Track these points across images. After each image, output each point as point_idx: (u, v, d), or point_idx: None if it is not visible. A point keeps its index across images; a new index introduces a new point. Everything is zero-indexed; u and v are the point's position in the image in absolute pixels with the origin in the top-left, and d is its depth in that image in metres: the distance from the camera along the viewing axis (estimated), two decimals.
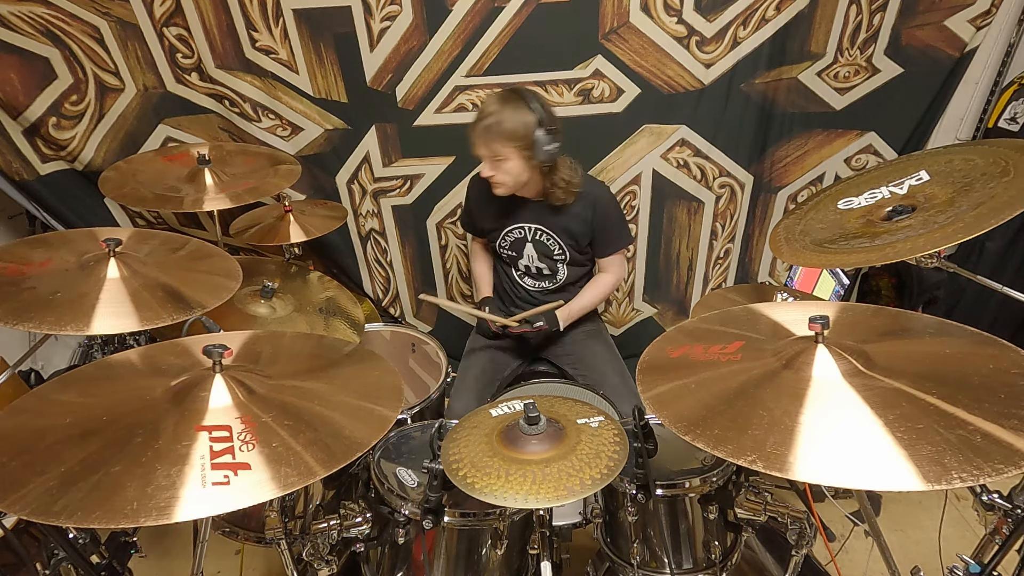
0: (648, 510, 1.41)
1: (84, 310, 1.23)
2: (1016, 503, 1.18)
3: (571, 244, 2.01)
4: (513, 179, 1.85)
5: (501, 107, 1.75)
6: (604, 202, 1.98)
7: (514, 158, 1.79)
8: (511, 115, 1.74)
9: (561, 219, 1.96)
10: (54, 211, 2.36)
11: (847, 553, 2.00)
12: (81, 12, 2.11)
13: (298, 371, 1.21)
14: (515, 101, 1.76)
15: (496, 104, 1.77)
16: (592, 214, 1.95)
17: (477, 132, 1.79)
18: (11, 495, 0.85)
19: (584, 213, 1.95)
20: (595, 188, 2.00)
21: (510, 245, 2.06)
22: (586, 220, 1.96)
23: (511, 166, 1.81)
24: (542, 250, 2.03)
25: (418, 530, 1.35)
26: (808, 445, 0.88)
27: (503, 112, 1.74)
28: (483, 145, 1.80)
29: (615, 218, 2.01)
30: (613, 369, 2.00)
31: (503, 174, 1.83)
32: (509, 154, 1.78)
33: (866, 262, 1.27)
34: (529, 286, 2.11)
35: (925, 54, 2.30)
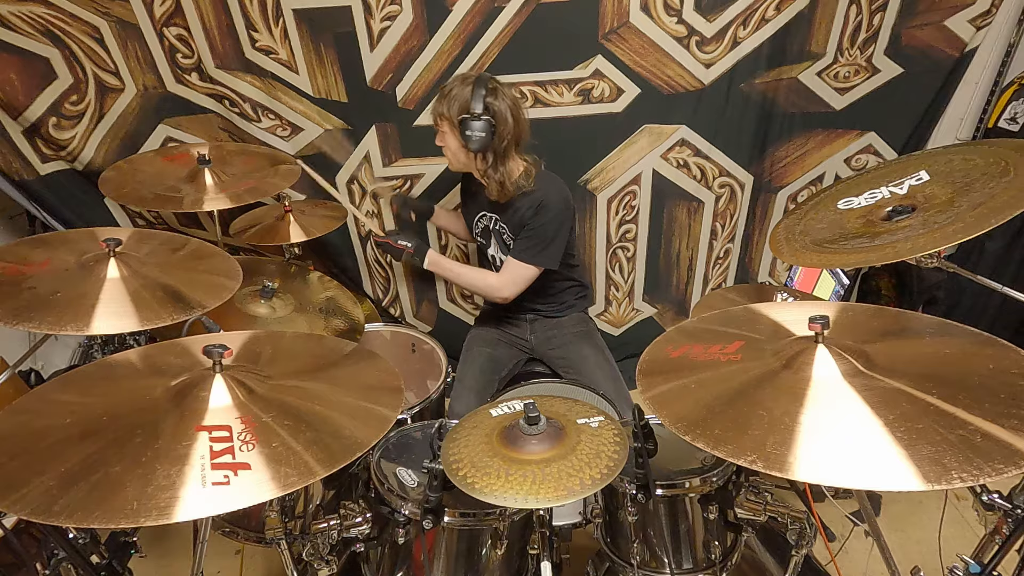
0: (648, 510, 1.41)
1: (84, 310, 1.23)
2: (1016, 503, 1.18)
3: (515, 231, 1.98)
4: (451, 155, 1.93)
5: (461, 83, 1.83)
6: (545, 208, 1.90)
7: (449, 134, 1.88)
8: (459, 92, 1.82)
9: (508, 213, 1.97)
10: (54, 211, 2.36)
11: (847, 553, 2.00)
12: (81, 12, 2.11)
13: (298, 371, 1.21)
14: (473, 84, 1.81)
15: (460, 79, 1.85)
16: (532, 215, 1.91)
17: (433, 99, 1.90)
18: (11, 495, 0.85)
19: (526, 213, 1.92)
20: (549, 193, 1.91)
21: (480, 232, 2.11)
22: (527, 218, 1.92)
23: (448, 140, 1.90)
24: (500, 241, 2.05)
25: (418, 530, 1.35)
26: (808, 445, 0.88)
27: (456, 87, 1.83)
28: (432, 108, 1.91)
29: (541, 229, 1.91)
30: (605, 375, 1.99)
31: (444, 147, 1.93)
32: (445, 127, 1.88)
33: (866, 262, 1.27)
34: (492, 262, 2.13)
35: (925, 54, 2.30)
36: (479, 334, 2.19)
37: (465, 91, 1.81)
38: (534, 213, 1.91)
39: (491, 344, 2.13)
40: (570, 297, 2.17)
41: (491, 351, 2.10)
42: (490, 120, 1.81)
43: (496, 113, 1.82)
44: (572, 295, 2.18)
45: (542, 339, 2.13)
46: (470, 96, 1.80)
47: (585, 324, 2.18)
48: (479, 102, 1.80)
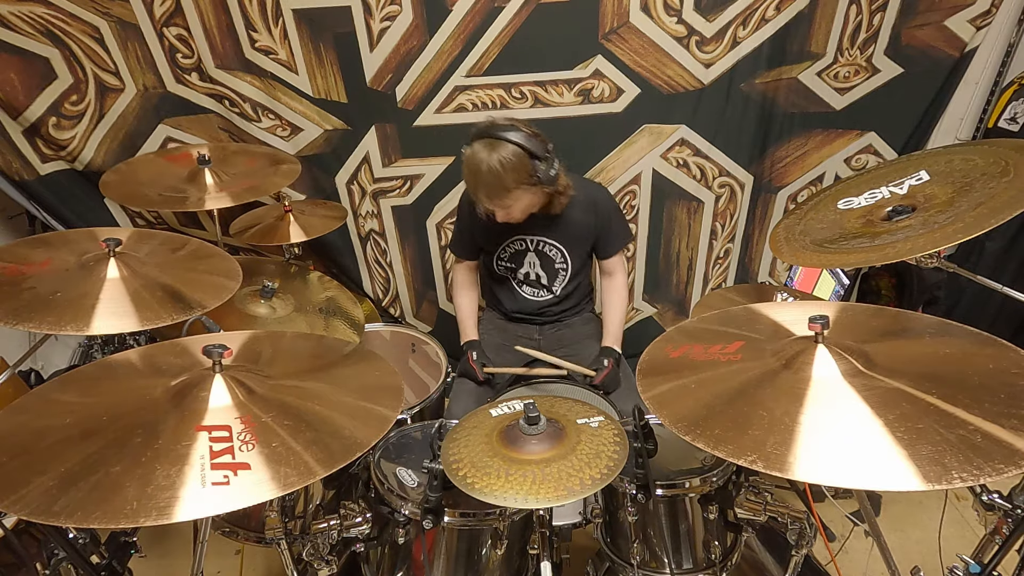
0: (648, 510, 1.41)
1: (84, 310, 1.23)
2: (1016, 503, 1.18)
3: (575, 251, 1.97)
4: (526, 212, 1.82)
5: (490, 156, 1.64)
6: (603, 203, 1.95)
7: (524, 197, 1.75)
8: (506, 162, 1.64)
9: (563, 227, 1.92)
10: (54, 211, 2.36)
11: (847, 553, 2.00)
12: (81, 12, 2.11)
13: (298, 371, 1.21)
14: (500, 146, 1.65)
15: (485, 154, 1.65)
16: (594, 218, 1.93)
17: (480, 193, 1.71)
18: (11, 495, 0.85)
19: (585, 218, 1.92)
20: (593, 191, 1.98)
21: (509, 257, 2.02)
22: (588, 225, 1.93)
23: (523, 204, 1.77)
24: (544, 260, 2.00)
25: (418, 530, 1.35)
26: (808, 445, 0.88)
27: (495, 163, 1.64)
28: (490, 202, 1.73)
29: (617, 217, 1.99)
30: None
31: (518, 213, 1.80)
32: (519, 196, 1.73)
33: (866, 262, 1.27)
34: (528, 294, 2.07)
35: (925, 54, 2.30)
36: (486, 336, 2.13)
37: (510, 158, 1.64)
38: (595, 214, 1.90)
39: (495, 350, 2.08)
40: (582, 298, 2.16)
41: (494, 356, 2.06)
42: (544, 150, 1.69)
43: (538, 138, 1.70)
44: (583, 296, 2.17)
45: (552, 340, 2.10)
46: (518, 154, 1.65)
47: (595, 323, 2.18)
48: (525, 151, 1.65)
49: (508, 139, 1.65)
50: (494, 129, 1.67)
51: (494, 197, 1.71)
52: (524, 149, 1.65)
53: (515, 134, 1.66)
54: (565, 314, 2.12)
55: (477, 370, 1.92)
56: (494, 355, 2.05)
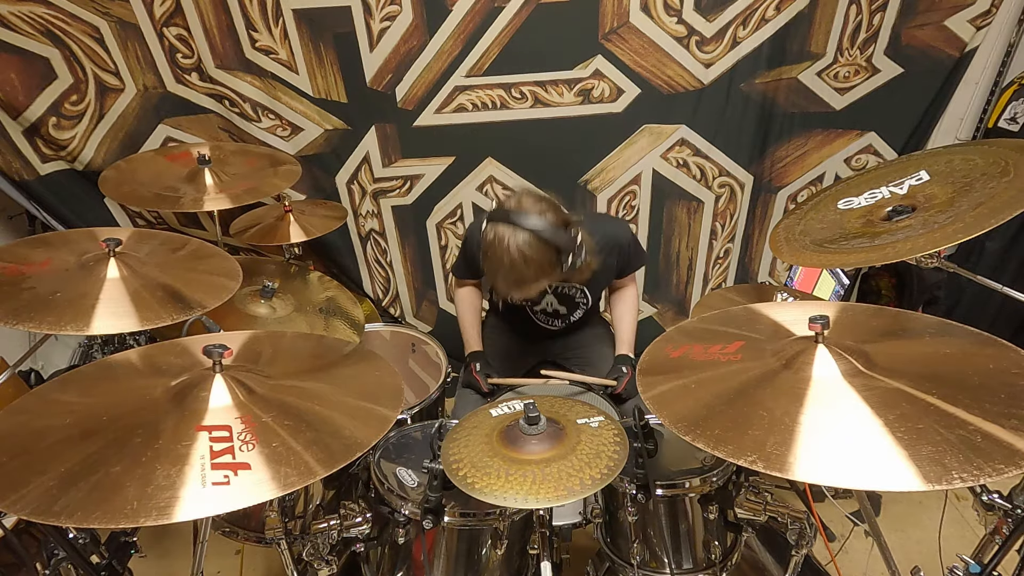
0: (648, 510, 1.41)
1: (84, 310, 1.23)
2: (1016, 503, 1.18)
3: (596, 289, 1.94)
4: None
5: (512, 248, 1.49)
6: (624, 240, 1.86)
7: (545, 283, 1.64)
8: (529, 259, 1.50)
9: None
10: (54, 211, 2.36)
11: (847, 553, 2.00)
12: (81, 12, 2.11)
13: (298, 371, 1.21)
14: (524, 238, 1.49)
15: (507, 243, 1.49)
16: (616, 258, 1.86)
17: (499, 282, 1.59)
18: (11, 495, 0.85)
19: (608, 260, 1.82)
20: (612, 229, 1.86)
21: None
22: (610, 266, 1.86)
23: (543, 287, 1.68)
24: (563, 299, 1.95)
25: (418, 530, 1.35)
26: (808, 445, 0.88)
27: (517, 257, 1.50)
28: (508, 291, 1.62)
29: (635, 250, 1.91)
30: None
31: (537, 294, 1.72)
32: (540, 285, 1.62)
33: (866, 262, 1.28)
34: (542, 322, 2.02)
35: (925, 54, 2.30)
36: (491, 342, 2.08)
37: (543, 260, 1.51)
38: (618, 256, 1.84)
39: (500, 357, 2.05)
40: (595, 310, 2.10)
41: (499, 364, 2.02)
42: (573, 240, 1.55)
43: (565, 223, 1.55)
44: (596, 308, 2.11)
45: (561, 345, 2.08)
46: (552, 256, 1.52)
47: (603, 326, 2.16)
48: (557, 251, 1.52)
49: (535, 231, 1.49)
50: (521, 216, 1.50)
51: (512, 288, 1.60)
52: (550, 244, 1.51)
53: (543, 224, 1.50)
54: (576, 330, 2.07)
55: (481, 382, 1.88)
56: (499, 362, 2.00)
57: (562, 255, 1.54)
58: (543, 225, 1.50)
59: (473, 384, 1.91)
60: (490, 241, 1.54)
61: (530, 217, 1.50)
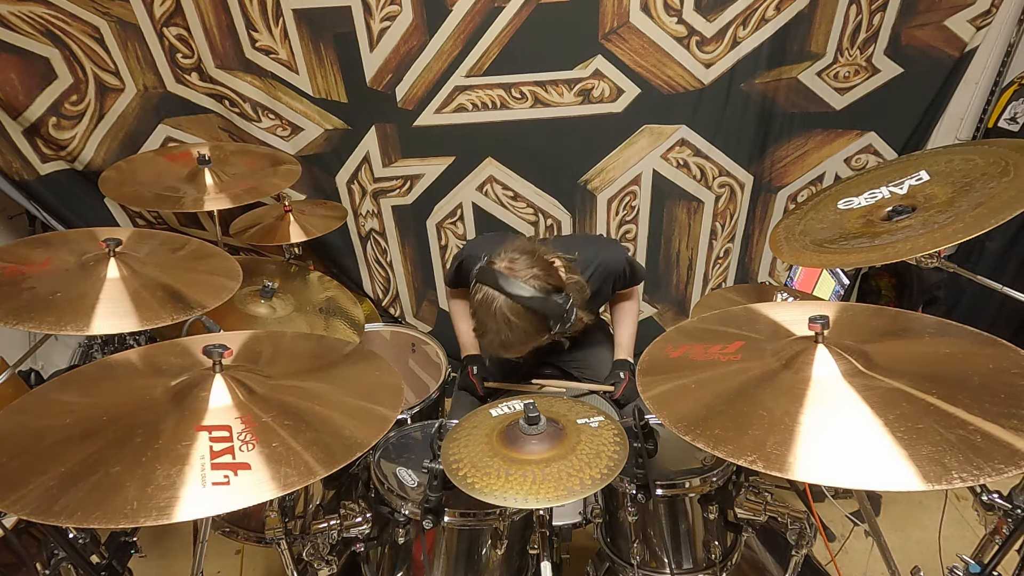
0: (648, 510, 1.41)
1: (84, 310, 1.23)
2: (1016, 503, 1.18)
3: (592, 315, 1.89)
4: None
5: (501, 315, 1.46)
6: (617, 265, 1.81)
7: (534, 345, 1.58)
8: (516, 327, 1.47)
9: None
10: (54, 211, 2.36)
11: (847, 553, 2.00)
12: (81, 12, 2.11)
13: (298, 371, 1.21)
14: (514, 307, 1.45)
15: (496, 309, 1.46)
16: (612, 284, 1.83)
17: (486, 342, 1.55)
18: (11, 495, 0.85)
19: (603, 287, 1.81)
20: (605, 256, 1.80)
21: None
22: (606, 293, 1.85)
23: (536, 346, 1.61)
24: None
25: (418, 530, 1.35)
26: (808, 445, 0.88)
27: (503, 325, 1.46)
28: (498, 353, 1.60)
29: (630, 270, 1.86)
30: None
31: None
32: (529, 348, 1.58)
33: (866, 262, 1.28)
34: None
35: (925, 54, 2.30)
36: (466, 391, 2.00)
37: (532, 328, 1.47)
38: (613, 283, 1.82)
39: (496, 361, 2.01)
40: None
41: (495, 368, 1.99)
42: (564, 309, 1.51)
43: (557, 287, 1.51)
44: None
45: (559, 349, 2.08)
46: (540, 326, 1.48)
47: (603, 329, 2.16)
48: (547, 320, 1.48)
49: (523, 300, 1.45)
50: (509, 281, 1.45)
51: (499, 350, 1.57)
52: (538, 313, 1.47)
53: (529, 290, 1.45)
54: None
55: (477, 385, 1.88)
56: (495, 366, 1.99)
57: (550, 322, 1.50)
58: (532, 293, 1.45)
59: (469, 387, 1.90)
60: (479, 301, 1.50)
61: (519, 284, 1.45)
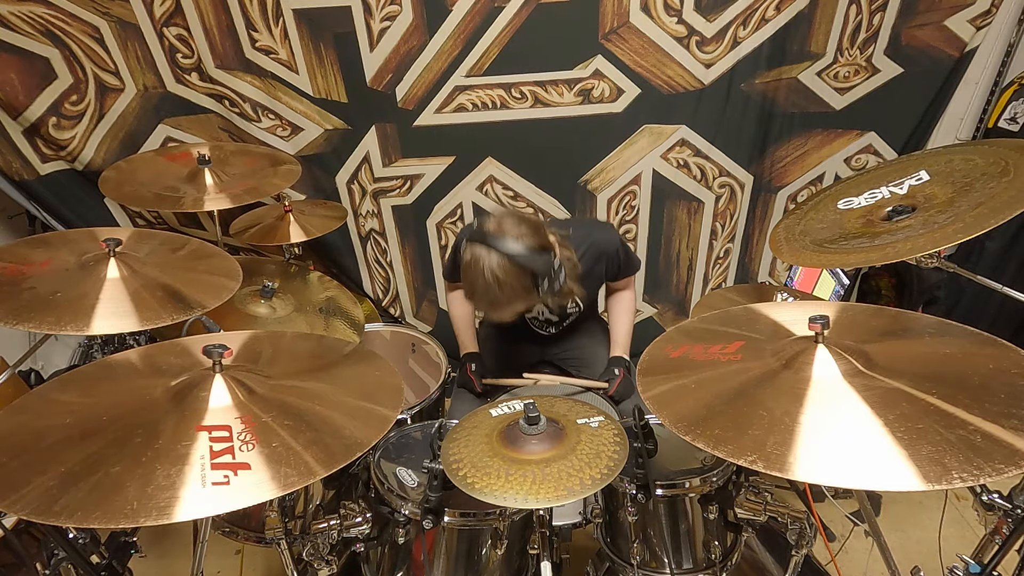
0: (648, 510, 1.41)
1: (84, 310, 1.23)
2: (1016, 503, 1.18)
3: (587, 296, 1.92)
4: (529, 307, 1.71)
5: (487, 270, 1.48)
6: (611, 250, 1.83)
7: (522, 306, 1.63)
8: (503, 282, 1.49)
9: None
10: (54, 211, 2.36)
11: (847, 553, 2.00)
12: (81, 12, 2.11)
13: (298, 371, 1.21)
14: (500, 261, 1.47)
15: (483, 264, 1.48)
16: (604, 265, 1.84)
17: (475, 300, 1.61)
18: (11, 495, 0.85)
19: (596, 268, 1.83)
20: (598, 235, 1.83)
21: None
22: (598, 274, 1.86)
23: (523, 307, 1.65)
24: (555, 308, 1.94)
25: (418, 530, 1.35)
26: (808, 445, 0.88)
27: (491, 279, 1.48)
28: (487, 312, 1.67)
29: (624, 255, 1.87)
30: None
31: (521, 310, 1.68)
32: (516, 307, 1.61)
33: (866, 262, 1.28)
34: (536, 328, 2.03)
35: (925, 54, 2.30)
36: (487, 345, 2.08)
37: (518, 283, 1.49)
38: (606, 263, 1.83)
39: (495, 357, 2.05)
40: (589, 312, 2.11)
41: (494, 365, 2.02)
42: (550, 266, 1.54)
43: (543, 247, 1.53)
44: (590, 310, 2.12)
45: (556, 346, 2.08)
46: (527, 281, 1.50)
47: (600, 327, 2.16)
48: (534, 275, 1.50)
49: (511, 255, 1.48)
50: (498, 239, 1.48)
51: (488, 309, 1.63)
52: (525, 269, 1.50)
53: (519, 248, 1.48)
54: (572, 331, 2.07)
55: (475, 382, 1.89)
56: (493, 363, 2.01)
57: (538, 279, 1.52)
58: (518, 249, 1.48)
59: (468, 384, 1.91)
60: (467, 262, 1.53)
61: (506, 240, 1.48)
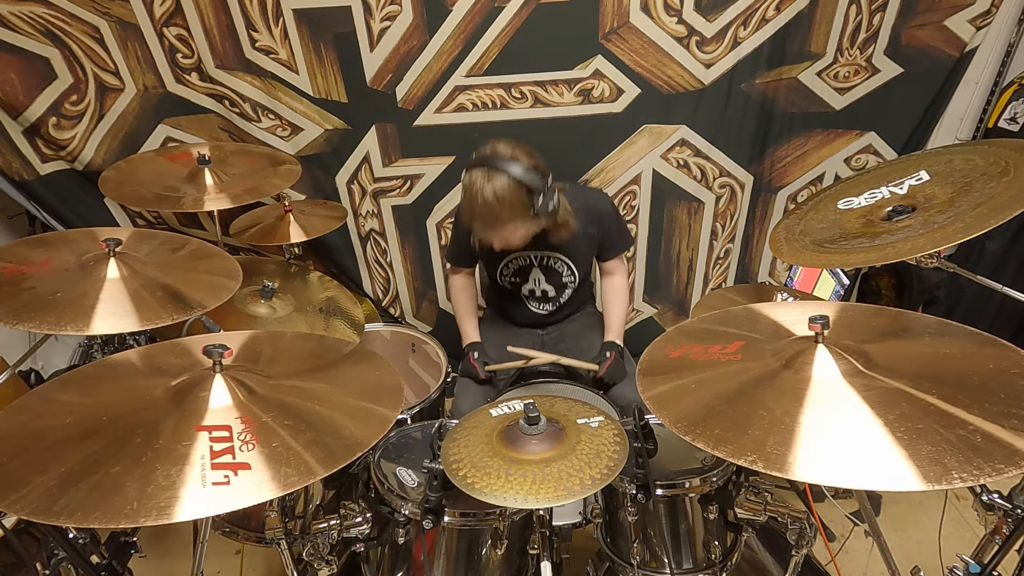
0: (648, 510, 1.41)
1: (84, 310, 1.23)
2: (1016, 503, 1.18)
3: (580, 262, 1.97)
4: (525, 240, 1.80)
5: (485, 187, 1.60)
6: (604, 210, 1.94)
7: (520, 229, 1.73)
8: (502, 196, 1.60)
9: (567, 241, 1.89)
10: (54, 211, 2.36)
11: (847, 553, 2.00)
12: (81, 12, 2.11)
13: (298, 371, 1.21)
14: (497, 177, 1.60)
15: (482, 184, 1.61)
16: (596, 227, 1.92)
17: (475, 223, 1.70)
18: (11, 495, 0.85)
19: (588, 228, 1.90)
20: (593, 199, 1.95)
21: (513, 272, 2.00)
22: (591, 235, 1.92)
23: (520, 235, 1.75)
24: (550, 275, 1.99)
25: (418, 530, 1.35)
26: (808, 445, 0.88)
27: (490, 196, 1.60)
28: (484, 233, 1.73)
29: (617, 224, 1.98)
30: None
31: (516, 242, 1.79)
32: (515, 229, 1.71)
33: (866, 262, 1.28)
34: (534, 307, 2.06)
35: (925, 54, 2.30)
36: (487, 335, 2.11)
37: (510, 192, 1.61)
38: (598, 225, 1.90)
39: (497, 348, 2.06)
40: (584, 299, 2.17)
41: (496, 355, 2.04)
42: (543, 182, 1.65)
43: (537, 167, 1.66)
44: (586, 296, 2.18)
45: (554, 336, 2.10)
46: (518, 189, 1.61)
47: (596, 317, 2.18)
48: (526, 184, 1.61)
49: (507, 171, 1.61)
50: (494, 159, 1.62)
51: (488, 228, 1.69)
52: (522, 184, 1.61)
53: (515, 166, 1.61)
54: (568, 316, 2.12)
55: (479, 369, 1.92)
56: (495, 354, 2.04)
57: (534, 196, 1.64)
58: (514, 167, 1.62)
59: (471, 373, 1.95)
60: (467, 185, 1.66)
61: (502, 160, 1.62)
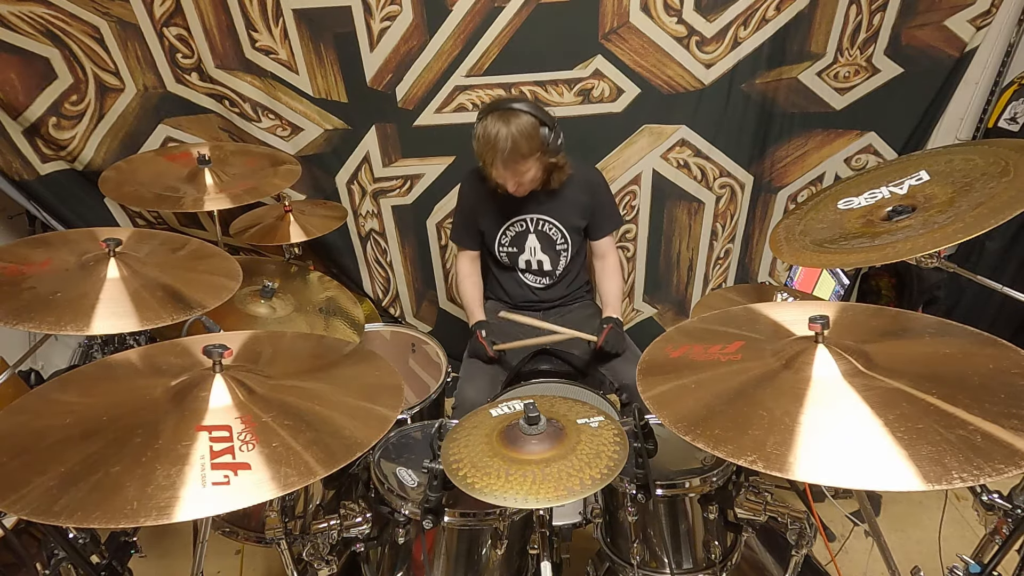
0: (648, 510, 1.41)
1: (84, 310, 1.23)
2: (1016, 503, 1.18)
3: (572, 229, 2.06)
4: (533, 184, 1.93)
5: (506, 126, 1.78)
6: (598, 184, 2.08)
7: (535, 166, 1.87)
8: (521, 130, 1.78)
9: (560, 205, 2.02)
10: (54, 211, 2.36)
11: (847, 553, 2.00)
12: (81, 12, 2.11)
13: (298, 371, 1.21)
14: (514, 116, 1.79)
15: (500, 125, 1.78)
16: (589, 197, 2.04)
17: (497, 161, 1.82)
18: (11, 495, 0.85)
19: (581, 197, 2.03)
20: (588, 172, 2.09)
21: (511, 241, 2.08)
22: (583, 204, 2.04)
23: (533, 173, 1.88)
24: (545, 241, 2.06)
25: (418, 530, 1.35)
26: (808, 445, 0.88)
27: (513, 131, 1.78)
28: (507, 169, 1.84)
29: (609, 200, 2.12)
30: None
31: (528, 183, 1.91)
32: (532, 164, 1.85)
33: (866, 262, 1.28)
34: (531, 282, 2.14)
35: (925, 54, 2.30)
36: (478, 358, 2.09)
37: (524, 126, 1.79)
38: (591, 195, 2.03)
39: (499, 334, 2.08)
40: (582, 290, 2.22)
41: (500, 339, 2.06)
42: (550, 121, 1.85)
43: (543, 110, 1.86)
44: (584, 288, 2.23)
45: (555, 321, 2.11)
46: (531, 122, 1.80)
47: (595, 309, 2.20)
48: (536, 119, 1.81)
49: (521, 110, 1.80)
50: (505, 102, 1.82)
51: (510, 164, 1.82)
52: (536, 118, 1.81)
53: (526, 105, 1.82)
54: (566, 298, 2.18)
55: (487, 347, 1.98)
56: (499, 338, 2.08)
57: (545, 127, 1.83)
58: (526, 105, 1.82)
59: (479, 352, 2.01)
60: (483, 128, 1.82)
61: (513, 102, 1.83)
